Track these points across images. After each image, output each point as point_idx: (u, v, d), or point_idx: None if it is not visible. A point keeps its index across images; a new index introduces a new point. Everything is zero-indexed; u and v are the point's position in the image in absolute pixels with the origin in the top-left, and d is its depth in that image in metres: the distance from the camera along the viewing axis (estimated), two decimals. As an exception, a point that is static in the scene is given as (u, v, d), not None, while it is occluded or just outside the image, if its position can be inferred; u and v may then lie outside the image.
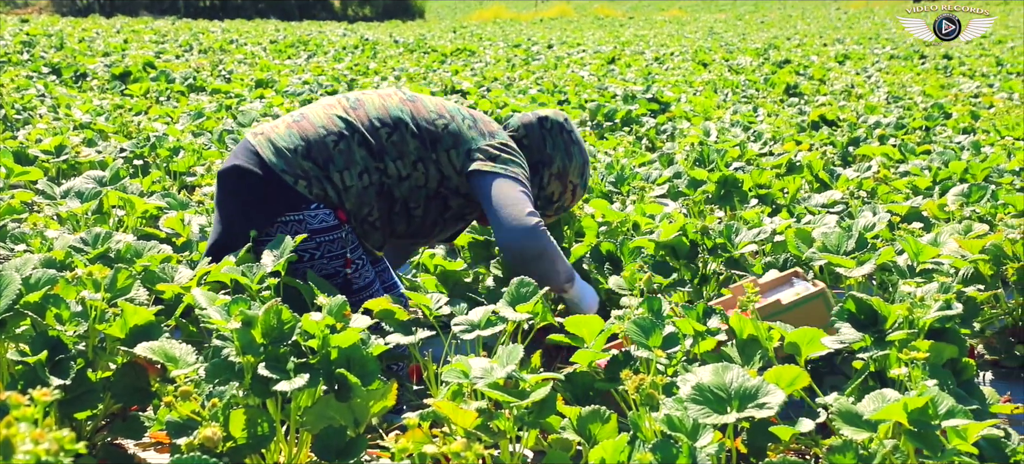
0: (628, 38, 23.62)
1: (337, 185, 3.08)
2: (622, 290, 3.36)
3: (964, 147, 6.78)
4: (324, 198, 3.07)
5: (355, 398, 2.35)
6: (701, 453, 2.07)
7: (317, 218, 3.07)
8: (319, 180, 3.07)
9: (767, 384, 2.23)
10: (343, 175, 3.08)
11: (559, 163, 3.36)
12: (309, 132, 3.12)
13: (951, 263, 3.40)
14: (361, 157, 3.10)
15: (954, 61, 15.68)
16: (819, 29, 27.77)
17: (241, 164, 3.09)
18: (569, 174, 3.41)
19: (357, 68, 13.32)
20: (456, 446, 1.84)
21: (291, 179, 3.05)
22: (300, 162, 3.07)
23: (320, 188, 3.07)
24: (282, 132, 3.14)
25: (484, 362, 2.32)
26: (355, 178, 3.09)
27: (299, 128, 3.14)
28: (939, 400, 2.10)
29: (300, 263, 3.08)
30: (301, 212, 3.05)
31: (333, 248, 3.09)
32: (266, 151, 3.09)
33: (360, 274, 3.16)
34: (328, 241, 3.08)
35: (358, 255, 3.15)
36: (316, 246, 3.08)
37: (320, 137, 3.10)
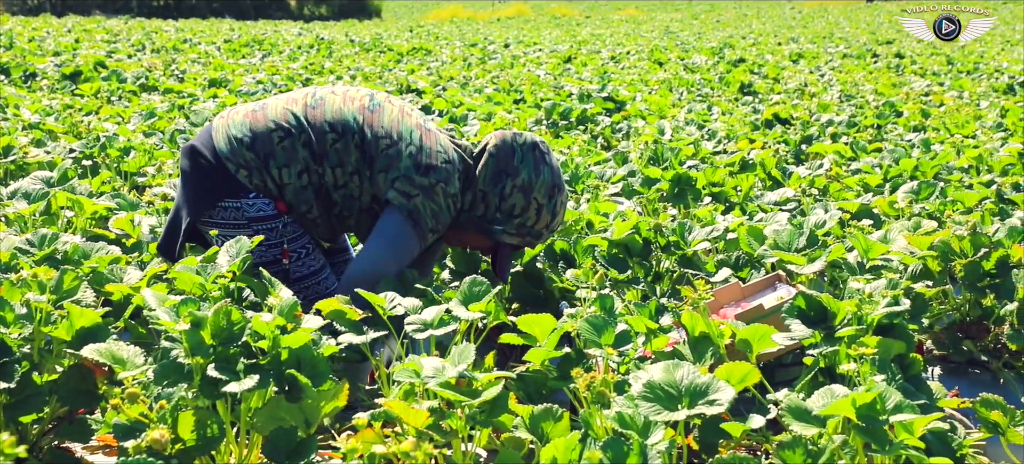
0: (585, 37, 23.69)
1: (276, 180, 3.10)
2: (578, 284, 3.36)
3: (915, 145, 6.86)
4: (263, 189, 3.11)
5: (306, 399, 2.33)
6: (652, 450, 2.07)
7: (254, 206, 3.10)
8: (259, 172, 3.10)
9: (717, 381, 2.24)
10: (282, 172, 3.09)
11: (524, 176, 3.24)
12: (259, 124, 3.13)
13: (900, 260, 3.44)
14: (303, 157, 3.10)
15: (906, 60, 15.88)
16: (774, 28, 28.00)
17: (196, 145, 3.17)
18: (534, 190, 3.24)
19: (312, 67, 13.25)
20: (406, 446, 1.83)
21: (233, 168, 3.10)
22: (243, 152, 3.10)
23: (260, 180, 3.10)
24: (238, 120, 3.17)
25: (436, 361, 2.31)
26: (294, 176, 3.10)
27: (252, 119, 3.16)
28: (887, 395, 2.12)
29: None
30: (239, 200, 3.10)
31: (271, 236, 3.12)
32: (218, 137, 3.15)
33: (303, 262, 3.18)
34: (266, 229, 3.11)
35: (299, 245, 3.17)
36: (253, 233, 3.09)
37: (268, 131, 3.11)
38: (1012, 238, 3.52)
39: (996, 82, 12.04)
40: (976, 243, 3.34)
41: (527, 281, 3.65)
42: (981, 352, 3.42)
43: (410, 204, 3.07)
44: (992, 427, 2.36)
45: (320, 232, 3.26)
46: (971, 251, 3.33)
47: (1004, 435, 2.34)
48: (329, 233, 3.29)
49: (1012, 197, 4.83)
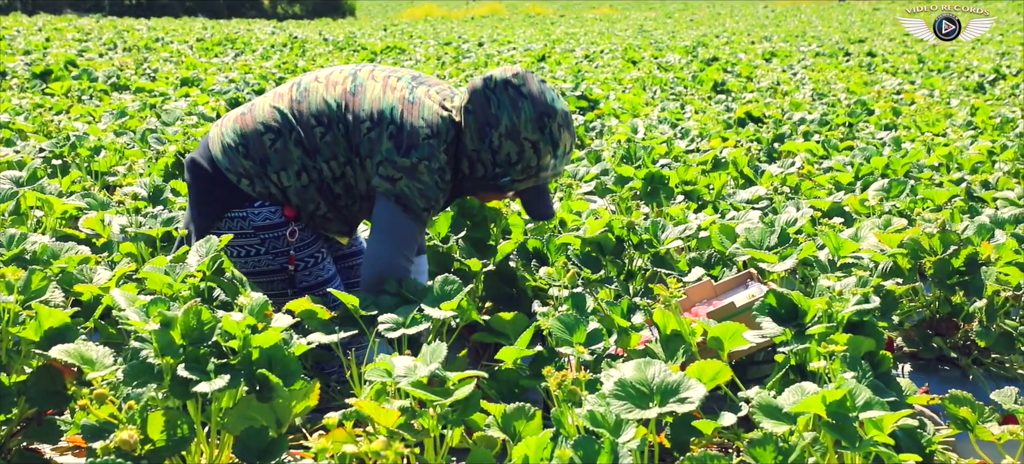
0: (559, 36, 23.71)
1: (277, 184, 3.04)
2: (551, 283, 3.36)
3: (886, 143, 6.91)
4: (268, 196, 3.05)
5: (277, 398, 2.32)
6: (623, 448, 2.08)
7: (260, 215, 3.05)
8: (261, 178, 3.03)
9: (688, 379, 2.25)
10: (280, 175, 3.03)
11: (506, 121, 3.01)
12: (248, 128, 3.07)
13: (871, 257, 3.46)
14: (297, 156, 3.03)
15: (878, 58, 15.98)
16: (747, 27, 28.11)
17: (196, 158, 3.13)
18: (521, 131, 3.00)
19: (285, 66, 13.19)
20: (376, 445, 1.83)
21: (234, 178, 3.04)
22: (241, 161, 3.04)
23: (263, 186, 3.04)
24: (228, 127, 3.12)
25: (408, 361, 2.31)
26: (293, 177, 3.03)
27: (242, 123, 3.09)
28: (857, 392, 2.13)
29: (247, 257, 3.07)
30: (245, 209, 3.04)
31: (277, 245, 3.06)
32: (215, 147, 3.09)
33: (311, 272, 3.12)
34: (272, 238, 3.06)
35: (307, 254, 3.11)
36: (260, 242, 3.05)
37: (258, 134, 3.05)
38: (981, 235, 3.54)
39: (966, 81, 12.14)
40: (945, 241, 3.36)
41: (499, 280, 3.64)
42: (951, 349, 3.44)
43: (396, 188, 2.96)
44: (961, 423, 2.38)
45: (335, 227, 3.19)
46: (940, 249, 3.36)
47: (973, 431, 2.36)
48: (345, 226, 3.21)
49: (981, 195, 4.88)
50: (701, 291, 3.25)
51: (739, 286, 3.28)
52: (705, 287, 3.27)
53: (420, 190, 2.97)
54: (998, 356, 3.42)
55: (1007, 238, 3.56)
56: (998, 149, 6.44)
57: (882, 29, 27.02)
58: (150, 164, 5.38)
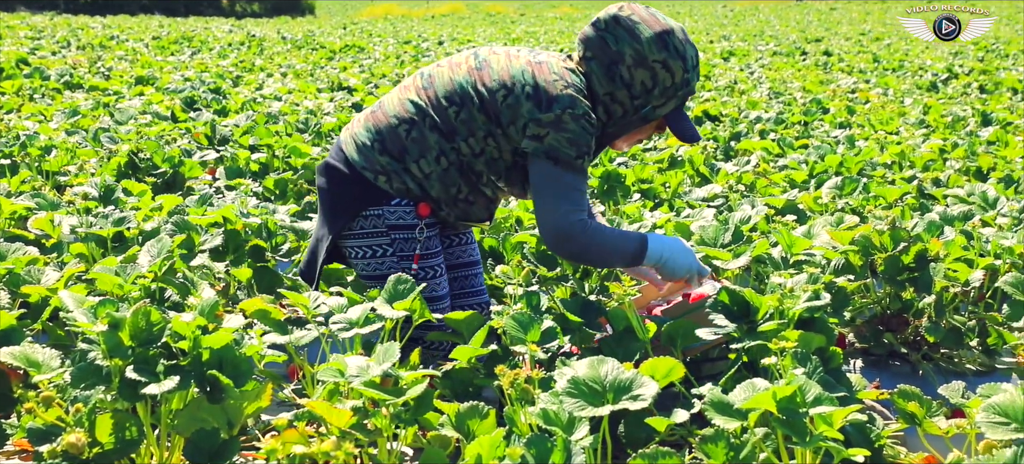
0: (519, 35, 23.73)
1: (416, 175, 3.03)
2: (506, 281, 3.37)
3: (840, 141, 6.97)
4: (405, 192, 3.04)
5: (228, 400, 2.31)
6: (576, 446, 2.08)
7: (395, 214, 3.05)
8: (398, 174, 3.02)
9: (641, 376, 2.26)
10: (420, 164, 3.02)
11: (630, 51, 2.96)
12: (382, 123, 3.07)
13: (823, 254, 3.49)
14: (434, 141, 3.01)
15: (834, 57, 16.13)
16: (706, 26, 28.28)
17: (331, 161, 3.14)
18: (648, 55, 2.95)
19: (243, 65, 13.11)
20: (326, 445, 1.82)
21: (371, 176, 3.03)
22: (377, 158, 3.03)
23: (400, 182, 3.03)
24: (361, 127, 3.12)
25: (360, 360, 2.30)
26: (433, 163, 3.02)
27: (374, 120, 3.09)
28: (807, 388, 2.15)
29: (372, 257, 3.08)
30: (381, 207, 3.04)
31: (405, 247, 3.06)
32: (349, 148, 3.09)
33: (429, 285, 3.07)
34: (402, 239, 3.05)
35: (430, 264, 3.10)
36: (390, 242, 3.05)
37: (392, 127, 3.04)
38: (931, 232, 3.59)
39: (920, 80, 12.28)
40: (896, 238, 3.40)
41: (456, 279, 3.64)
42: (901, 344, 3.48)
43: (544, 145, 2.92)
44: (909, 418, 2.40)
45: (477, 211, 3.16)
46: (891, 245, 3.39)
47: (920, 426, 2.39)
48: (486, 209, 3.18)
49: (932, 192, 4.93)
50: (655, 290, 3.26)
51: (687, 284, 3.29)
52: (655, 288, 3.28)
53: (569, 139, 2.93)
54: (947, 351, 3.46)
55: (956, 235, 3.61)
56: (949, 147, 6.53)
57: (838, 28, 27.29)
58: (102, 164, 5.32)
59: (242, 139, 6.15)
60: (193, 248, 3.49)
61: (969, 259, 3.46)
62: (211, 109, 8.03)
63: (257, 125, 6.51)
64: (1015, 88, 10.97)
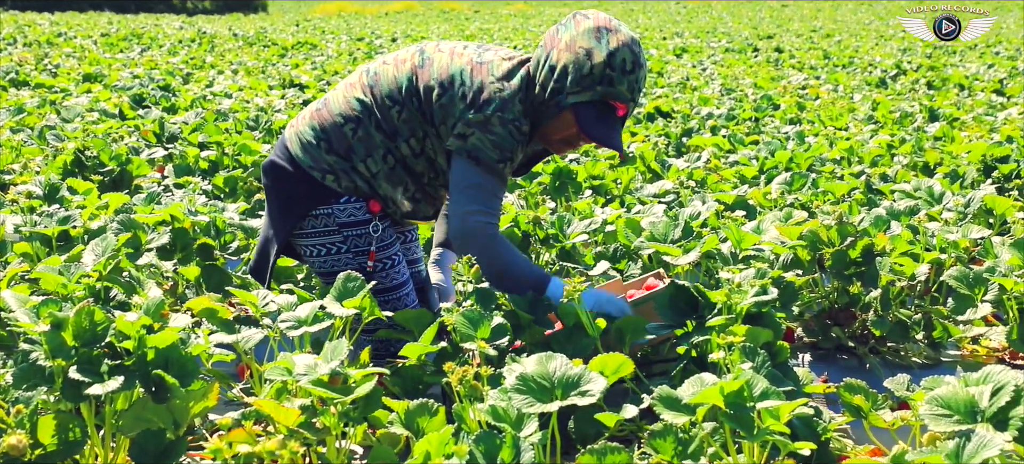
0: (473, 32, 23.71)
1: (364, 174, 2.99)
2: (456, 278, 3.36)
3: (790, 137, 7.03)
4: (355, 190, 3.01)
5: (174, 399, 2.28)
6: (525, 443, 2.08)
7: (346, 211, 3.01)
8: (347, 173, 2.99)
9: (589, 372, 2.26)
10: (367, 163, 2.98)
11: (565, 37, 2.89)
12: (327, 122, 3.02)
13: (772, 250, 3.51)
14: (380, 141, 2.97)
15: (785, 54, 16.27)
16: (660, 23, 28.43)
17: (276, 160, 3.08)
18: (576, 40, 2.87)
19: (193, 62, 12.99)
20: (271, 445, 1.81)
21: (319, 175, 2.99)
22: (325, 157, 2.99)
23: (349, 181, 2.99)
24: (305, 125, 3.07)
25: (308, 358, 2.28)
26: (380, 162, 2.98)
27: (319, 118, 3.04)
28: (754, 382, 2.16)
29: (326, 256, 3.04)
30: (330, 205, 3.00)
31: (359, 243, 3.02)
32: (294, 147, 3.04)
33: (387, 274, 3.06)
34: (355, 236, 3.02)
35: (386, 255, 3.06)
36: (343, 240, 3.02)
37: (338, 126, 3.00)
38: (877, 227, 3.63)
39: (869, 76, 12.42)
40: (843, 232, 3.43)
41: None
42: (849, 338, 3.51)
43: (467, 145, 2.88)
44: (855, 411, 2.43)
45: (423, 210, 3.13)
46: (838, 240, 3.42)
47: (867, 418, 2.41)
48: (432, 208, 3.16)
49: (880, 187, 4.99)
50: (610, 289, 3.27)
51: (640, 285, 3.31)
52: (614, 285, 3.29)
53: (492, 141, 2.88)
54: (893, 344, 3.50)
55: (902, 230, 3.65)
56: (897, 143, 6.61)
57: (790, 25, 27.53)
58: (48, 162, 5.25)
59: (191, 137, 6.09)
60: (140, 247, 3.45)
61: (915, 254, 3.50)
62: (160, 106, 7.96)
63: (206, 122, 6.45)
64: (962, 84, 11.13)
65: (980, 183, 5.22)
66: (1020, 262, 3.26)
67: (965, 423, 2.06)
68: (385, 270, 3.06)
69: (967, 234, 3.71)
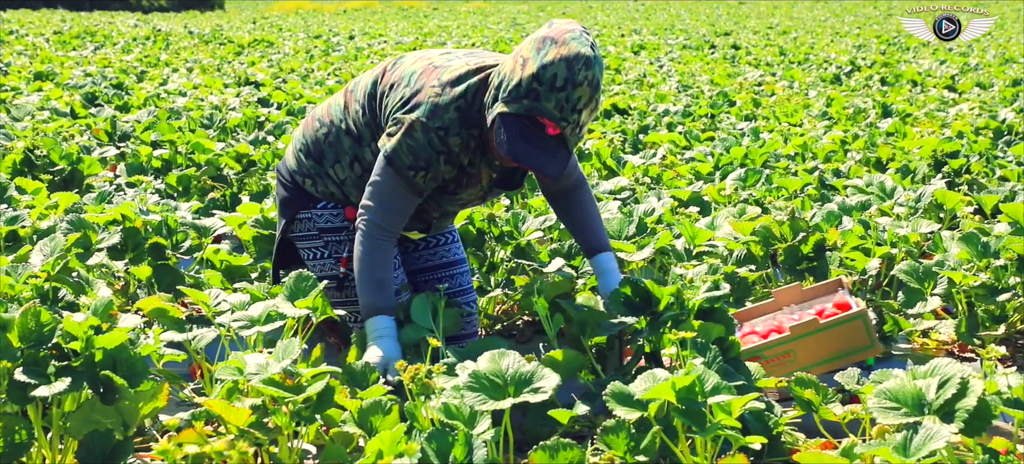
0: (431, 29, 23.67)
1: (334, 179, 2.95)
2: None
3: (745, 133, 7.08)
4: (330, 196, 2.98)
5: (123, 400, 2.26)
6: (477, 440, 2.08)
7: (323, 217, 2.99)
8: (321, 178, 2.96)
9: (542, 369, 2.27)
10: (336, 168, 2.94)
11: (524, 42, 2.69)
12: (309, 127, 3.01)
13: (725, 245, 3.53)
14: (348, 146, 2.92)
15: (742, 51, 16.37)
16: (618, 20, 28.50)
17: (279, 165, 3.13)
18: (522, 50, 2.66)
19: (147, 60, 12.87)
20: (219, 445, 1.79)
21: (300, 179, 2.99)
22: (304, 161, 2.99)
23: (323, 186, 2.97)
24: (298, 131, 3.08)
25: (260, 358, 2.27)
26: (347, 169, 2.93)
27: (305, 124, 3.05)
28: (705, 378, 2.17)
29: (312, 261, 3.03)
30: (310, 210, 2.99)
31: (338, 249, 2.99)
32: (288, 152, 3.07)
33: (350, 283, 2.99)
34: (334, 242, 2.99)
35: None
36: (324, 245, 3.00)
37: (315, 130, 2.98)
38: (829, 222, 3.66)
39: (824, 72, 12.52)
40: (795, 228, 3.46)
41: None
42: (802, 333, 3.54)
43: (388, 145, 2.73)
44: (806, 405, 2.45)
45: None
46: (790, 236, 3.45)
47: (817, 412, 2.43)
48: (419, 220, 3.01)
49: (833, 183, 5.03)
50: (788, 295, 3.27)
51: (827, 293, 3.30)
52: (793, 291, 3.28)
53: (409, 146, 2.71)
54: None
55: (854, 224, 3.68)
56: (850, 138, 6.67)
57: (747, 22, 27.72)
58: (-3, 161, 5.17)
59: (144, 135, 6.03)
60: (90, 246, 3.41)
61: (866, 248, 3.53)
62: (113, 105, 7.87)
63: (159, 121, 6.39)
64: (915, 80, 11.25)
65: (931, 178, 5.28)
66: (969, 256, 3.30)
67: (913, 416, 2.09)
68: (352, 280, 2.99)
69: (917, 229, 3.75)
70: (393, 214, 2.78)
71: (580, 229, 3.07)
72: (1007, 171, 5.23)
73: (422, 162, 2.73)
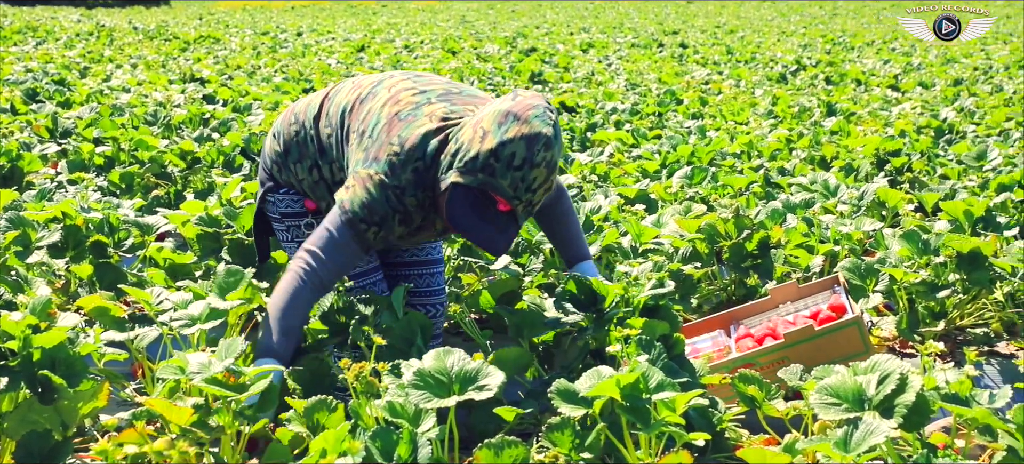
0: (380, 26, 23.57)
1: (295, 176, 2.93)
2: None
3: (692, 132, 7.12)
4: (289, 185, 2.97)
5: (62, 400, 2.22)
6: (422, 438, 2.07)
7: (284, 201, 2.98)
8: (284, 168, 2.95)
9: (487, 367, 2.26)
10: (296, 167, 2.92)
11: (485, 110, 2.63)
12: (286, 118, 2.99)
13: (671, 243, 3.55)
14: (311, 151, 2.89)
15: (689, 49, 16.48)
16: (567, 18, 28.58)
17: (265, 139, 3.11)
18: (483, 120, 2.57)
19: (91, 56, 12.68)
20: (159, 445, 1.77)
21: (269, 163, 3.00)
22: (274, 146, 2.99)
23: (285, 176, 2.96)
24: (278, 117, 3.08)
25: (202, 356, 2.25)
26: (306, 171, 2.89)
27: (284, 114, 3.04)
28: (650, 374, 2.18)
29: (282, 244, 3.07)
30: (274, 194, 3.00)
31: (298, 234, 2.98)
32: (269, 132, 3.08)
33: None
34: (294, 227, 2.99)
35: None
36: (286, 229, 2.99)
37: (288, 124, 2.96)
38: (774, 220, 3.69)
39: (771, 71, 12.64)
40: (739, 225, 3.48)
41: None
42: (746, 329, 3.57)
43: (344, 197, 2.65)
44: (749, 401, 2.46)
45: None
46: (735, 233, 3.48)
47: (760, 408, 2.45)
48: None
49: (778, 181, 5.08)
50: (784, 293, 3.27)
51: (824, 290, 3.30)
52: (789, 289, 3.28)
53: (363, 201, 2.64)
54: (790, 335, 3.56)
55: (798, 222, 3.72)
56: (795, 137, 6.74)
57: (695, 21, 27.91)
58: (-68, 158, 5.07)
59: (86, 132, 5.95)
60: (29, 244, 3.36)
61: (810, 245, 3.57)
62: (54, 101, 7.75)
63: (102, 117, 6.30)
64: (859, 79, 11.39)
65: (873, 176, 5.35)
66: (910, 254, 3.35)
67: (853, 411, 2.11)
68: None
69: (860, 226, 3.80)
70: (333, 268, 2.67)
71: (563, 243, 3.07)
72: (948, 169, 5.31)
73: (376, 218, 2.65)
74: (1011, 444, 2.04)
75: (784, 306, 3.27)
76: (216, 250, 3.62)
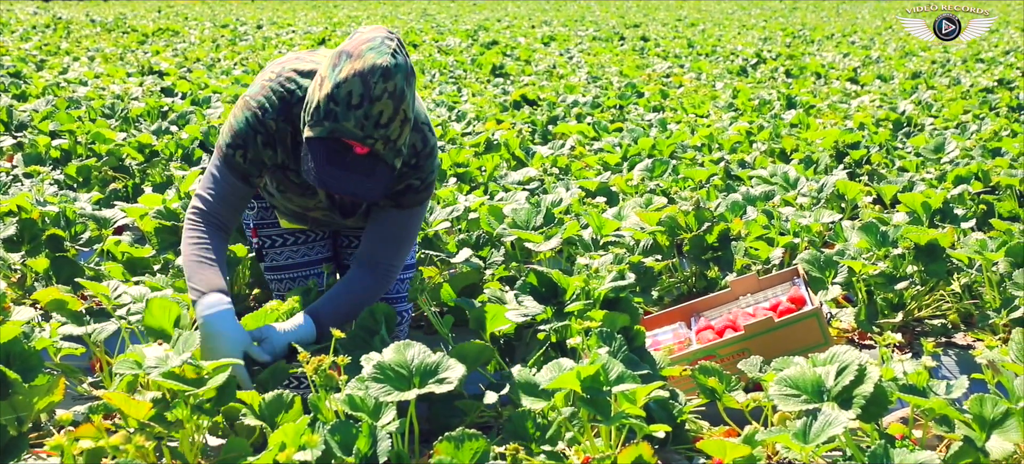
0: (341, 19, 23.47)
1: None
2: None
3: (653, 125, 7.14)
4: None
5: (16, 395, 2.20)
6: (382, 432, 2.06)
7: None
8: None
9: (448, 359, 2.25)
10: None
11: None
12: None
13: (632, 235, 3.56)
14: None
15: (651, 43, 16.53)
16: (529, 12, 28.57)
17: None
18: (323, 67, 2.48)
19: (47, 48, 12.52)
20: (115, 440, 1.75)
21: None
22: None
23: None
24: None
25: (159, 350, 2.22)
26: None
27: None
28: (610, 367, 2.18)
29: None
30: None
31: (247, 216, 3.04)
32: None
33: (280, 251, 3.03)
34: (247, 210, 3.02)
35: (267, 234, 3.03)
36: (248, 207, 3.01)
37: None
38: (734, 212, 3.71)
39: (731, 64, 12.71)
40: (700, 218, 3.50)
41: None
42: (707, 321, 3.59)
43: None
44: (710, 393, 2.48)
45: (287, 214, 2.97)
46: (695, 226, 3.49)
47: (721, 400, 2.47)
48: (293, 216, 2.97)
49: (738, 173, 5.11)
50: (744, 285, 3.27)
51: (783, 282, 3.30)
52: (749, 281, 3.28)
53: (229, 126, 2.63)
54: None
55: (758, 214, 3.74)
56: (755, 129, 6.78)
57: (656, 14, 28.01)
58: None
59: (42, 125, 5.87)
60: (-17, 238, 3.31)
61: (770, 238, 3.59)
62: (10, 94, 7.64)
63: (58, 110, 6.22)
64: (818, 72, 11.48)
65: (833, 169, 5.39)
66: (868, 245, 3.38)
67: (812, 402, 2.13)
68: (276, 247, 3.04)
69: (819, 218, 3.83)
70: (216, 201, 2.65)
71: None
72: (906, 162, 5.36)
73: (239, 140, 2.62)
74: (967, 434, 2.06)
75: (744, 298, 3.28)
76: (174, 244, 3.58)
